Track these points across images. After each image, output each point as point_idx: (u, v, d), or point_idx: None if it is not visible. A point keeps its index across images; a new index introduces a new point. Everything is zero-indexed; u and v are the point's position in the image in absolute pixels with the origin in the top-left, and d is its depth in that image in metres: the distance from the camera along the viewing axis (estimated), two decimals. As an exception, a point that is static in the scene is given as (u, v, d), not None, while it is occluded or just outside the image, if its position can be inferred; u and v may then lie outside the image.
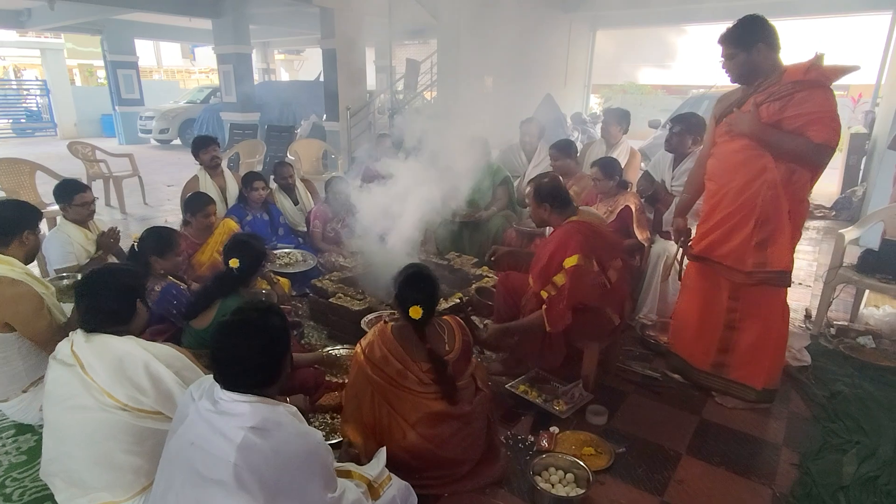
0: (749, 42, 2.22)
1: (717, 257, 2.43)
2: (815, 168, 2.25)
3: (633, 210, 3.28)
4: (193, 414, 1.36)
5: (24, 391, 2.31)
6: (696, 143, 3.32)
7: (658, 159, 3.67)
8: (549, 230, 2.84)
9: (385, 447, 1.88)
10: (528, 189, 2.69)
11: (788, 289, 2.42)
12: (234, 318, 1.42)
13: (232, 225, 3.47)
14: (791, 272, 2.35)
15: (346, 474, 1.69)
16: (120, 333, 1.77)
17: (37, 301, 2.21)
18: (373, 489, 1.68)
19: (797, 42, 3.44)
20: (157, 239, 2.67)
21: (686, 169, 3.27)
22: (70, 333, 1.77)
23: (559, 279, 2.40)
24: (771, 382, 2.52)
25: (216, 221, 3.42)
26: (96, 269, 1.91)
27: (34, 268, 2.74)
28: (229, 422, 1.31)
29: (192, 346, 2.28)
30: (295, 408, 1.45)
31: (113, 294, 1.78)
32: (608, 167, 3.41)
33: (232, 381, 1.36)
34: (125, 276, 1.86)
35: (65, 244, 2.85)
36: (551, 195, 2.56)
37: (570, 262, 2.36)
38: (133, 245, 2.73)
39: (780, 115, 2.20)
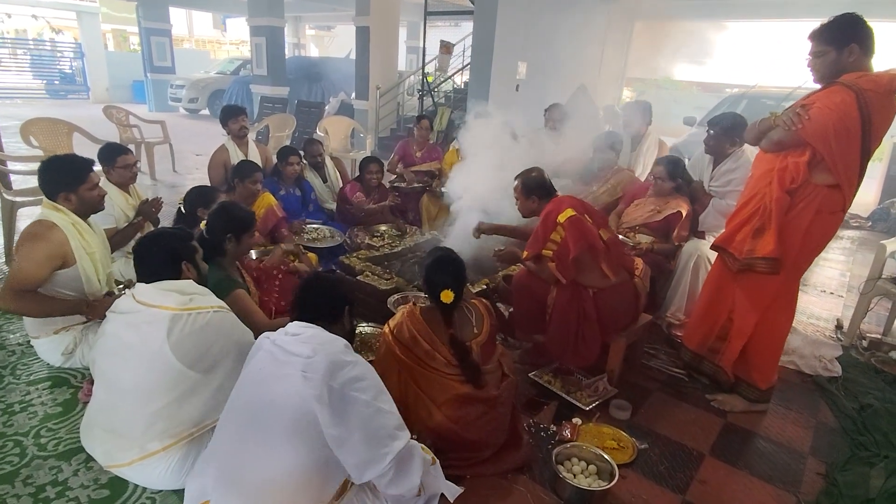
0: (843, 41, 2.07)
1: (730, 248, 2.43)
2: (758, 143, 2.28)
3: (683, 216, 3.20)
4: (266, 346, 1.57)
5: (56, 333, 2.43)
6: (735, 144, 3.23)
7: (696, 159, 3.59)
8: None
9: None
10: (516, 184, 2.81)
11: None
12: (317, 275, 1.79)
13: (270, 199, 3.48)
14: (777, 260, 2.24)
15: None
16: None
17: (48, 250, 2.21)
18: None
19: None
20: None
21: (726, 170, 3.19)
22: (127, 290, 1.85)
23: (556, 236, 2.48)
24: (747, 376, 2.50)
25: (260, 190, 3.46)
26: (146, 234, 1.99)
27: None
28: (295, 339, 1.54)
29: None
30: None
31: (158, 258, 1.84)
32: (674, 168, 3.27)
33: (308, 316, 1.61)
34: (169, 240, 1.90)
35: (105, 206, 2.90)
36: (538, 187, 2.72)
37: (565, 215, 2.47)
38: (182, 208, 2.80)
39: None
